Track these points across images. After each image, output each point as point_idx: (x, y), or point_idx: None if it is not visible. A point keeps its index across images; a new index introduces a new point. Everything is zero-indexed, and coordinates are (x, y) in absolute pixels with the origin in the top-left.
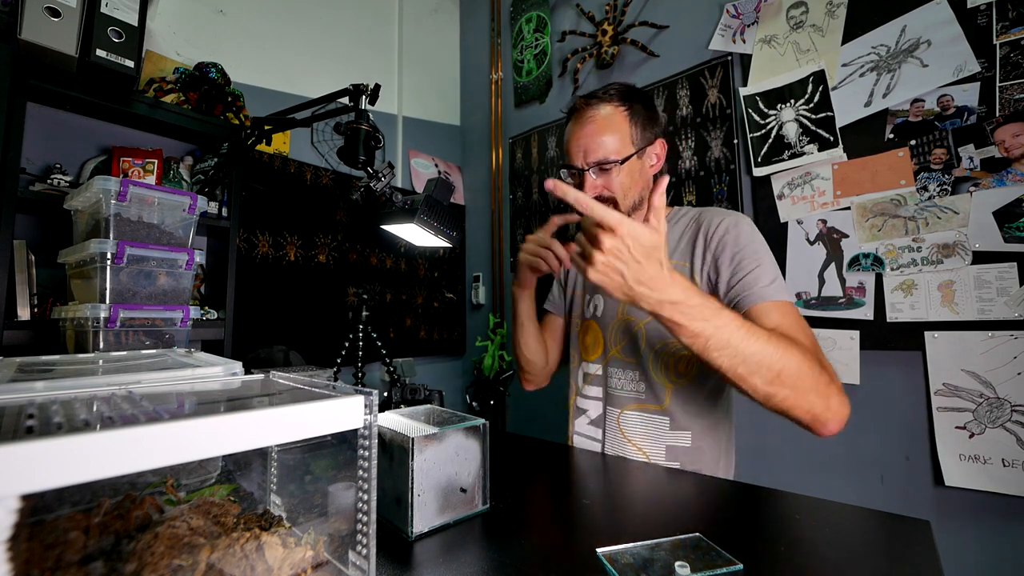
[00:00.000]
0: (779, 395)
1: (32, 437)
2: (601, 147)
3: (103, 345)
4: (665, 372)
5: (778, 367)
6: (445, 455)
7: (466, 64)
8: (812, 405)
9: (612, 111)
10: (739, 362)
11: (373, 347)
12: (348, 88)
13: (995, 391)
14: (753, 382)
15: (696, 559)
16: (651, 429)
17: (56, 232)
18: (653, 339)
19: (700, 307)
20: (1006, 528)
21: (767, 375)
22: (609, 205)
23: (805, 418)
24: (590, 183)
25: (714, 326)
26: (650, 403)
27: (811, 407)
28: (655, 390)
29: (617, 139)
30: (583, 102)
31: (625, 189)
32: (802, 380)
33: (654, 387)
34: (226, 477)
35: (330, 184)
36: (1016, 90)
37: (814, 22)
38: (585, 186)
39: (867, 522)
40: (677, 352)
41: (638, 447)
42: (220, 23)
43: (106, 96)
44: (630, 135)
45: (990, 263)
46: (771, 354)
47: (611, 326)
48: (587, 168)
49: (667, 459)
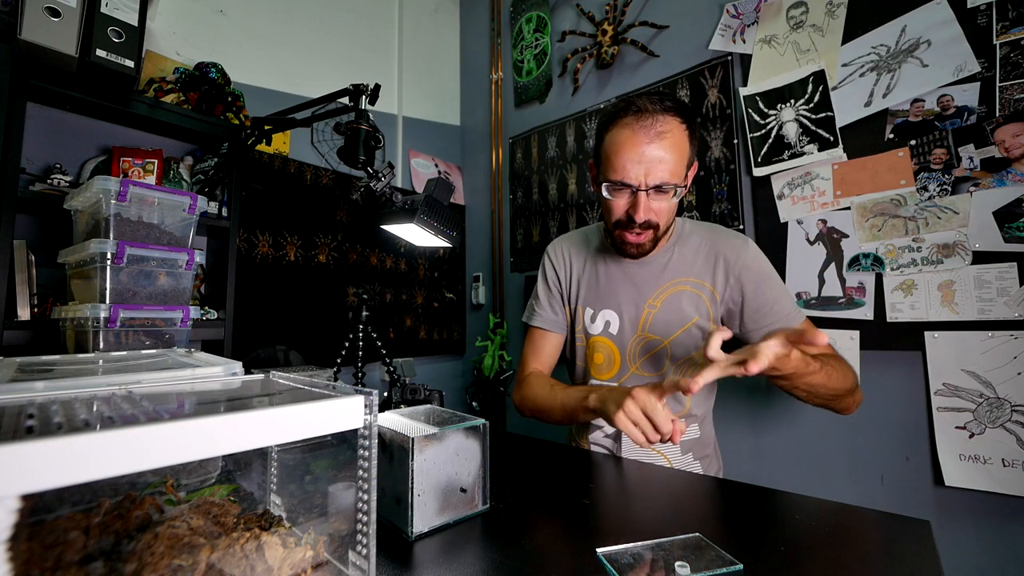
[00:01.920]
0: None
1: (32, 437)
2: (665, 168)
3: (103, 345)
4: None
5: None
6: (445, 455)
7: (466, 64)
8: (846, 403)
9: (676, 128)
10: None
11: (373, 347)
12: (348, 88)
13: (995, 391)
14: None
15: (696, 559)
16: None
17: (56, 232)
18: (678, 355)
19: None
20: (1006, 528)
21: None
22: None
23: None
24: (644, 205)
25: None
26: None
27: (845, 405)
28: (677, 400)
29: (678, 161)
30: (650, 106)
31: (667, 216)
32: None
33: (676, 397)
34: (226, 477)
35: (330, 184)
36: (1016, 90)
37: (814, 22)
38: (639, 208)
39: (867, 522)
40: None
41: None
42: (220, 23)
43: (106, 96)
44: (687, 158)
45: (990, 263)
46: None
47: (630, 344)
48: (646, 189)
49: (683, 453)
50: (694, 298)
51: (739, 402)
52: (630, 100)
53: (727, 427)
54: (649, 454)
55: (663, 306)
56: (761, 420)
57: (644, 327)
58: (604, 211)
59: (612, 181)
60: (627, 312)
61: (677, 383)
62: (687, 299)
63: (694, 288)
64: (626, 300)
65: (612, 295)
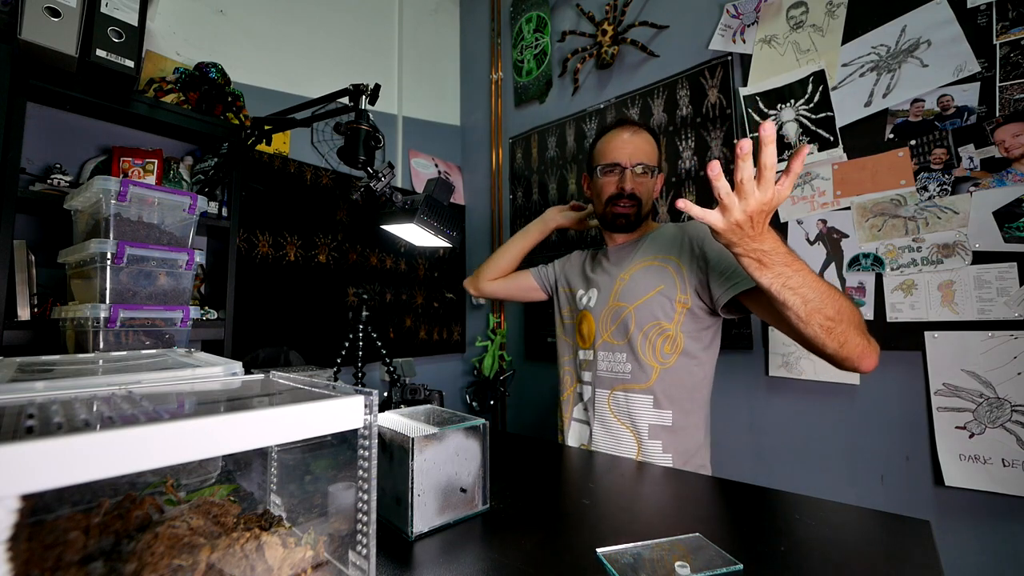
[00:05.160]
0: (838, 328)
1: (32, 437)
2: (644, 153)
3: (103, 345)
4: (653, 353)
5: (838, 305)
6: (445, 455)
7: (466, 64)
8: (861, 339)
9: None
10: (811, 297)
11: (373, 347)
12: (348, 88)
13: (995, 391)
14: (820, 316)
15: (696, 559)
16: (636, 407)
17: (56, 232)
18: (643, 321)
19: (784, 254)
20: (1006, 528)
21: (830, 311)
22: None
23: (855, 352)
24: (631, 179)
25: (794, 269)
26: (636, 383)
27: (860, 341)
28: (642, 369)
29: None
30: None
31: (647, 195)
32: (854, 317)
33: (642, 367)
34: (226, 477)
35: (330, 184)
36: (1016, 90)
37: (814, 22)
38: (627, 180)
39: (867, 522)
40: (664, 333)
41: (626, 426)
42: (220, 23)
43: (106, 96)
44: (657, 158)
45: (990, 263)
46: (832, 294)
47: (602, 313)
48: (631, 167)
49: (650, 437)
50: (660, 270)
51: (739, 402)
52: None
53: (727, 427)
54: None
55: (631, 278)
56: (761, 420)
57: (614, 297)
58: (597, 197)
59: (604, 164)
60: (604, 287)
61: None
62: (653, 271)
63: (661, 262)
64: (604, 278)
65: (596, 277)
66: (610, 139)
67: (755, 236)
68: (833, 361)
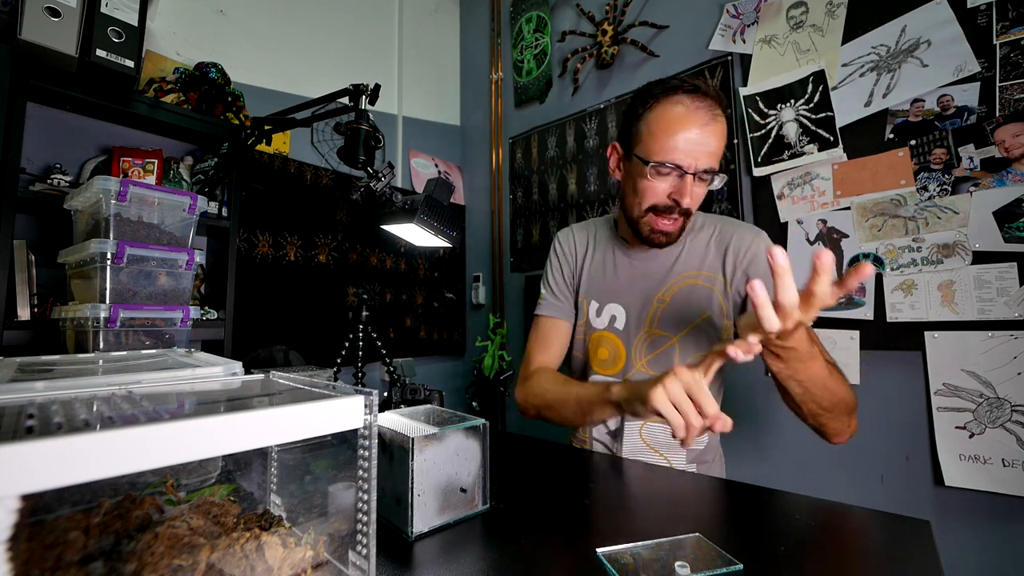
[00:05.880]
0: (824, 416)
1: (32, 437)
2: (714, 155)
3: (103, 345)
4: None
5: (835, 399)
6: (445, 455)
7: (466, 64)
8: (840, 424)
9: (723, 116)
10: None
11: (373, 347)
12: (348, 88)
13: (995, 391)
14: (812, 406)
15: (696, 559)
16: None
17: (56, 232)
18: (687, 352)
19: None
20: (1006, 528)
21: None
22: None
23: (831, 431)
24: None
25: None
26: None
27: (839, 426)
28: None
29: (721, 150)
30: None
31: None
32: (843, 407)
33: None
34: (226, 477)
35: (330, 184)
36: (1016, 90)
37: (814, 22)
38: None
39: (867, 522)
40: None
41: (662, 454)
42: (220, 23)
43: (106, 96)
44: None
45: (990, 263)
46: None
47: (637, 340)
48: (696, 173)
49: (688, 461)
50: (706, 292)
51: (739, 402)
52: (682, 79)
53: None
54: (649, 455)
55: (672, 300)
56: (761, 420)
57: (652, 322)
58: (634, 194)
59: (660, 162)
60: (634, 306)
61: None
62: (698, 293)
63: (705, 282)
64: (634, 294)
65: (619, 289)
66: (676, 122)
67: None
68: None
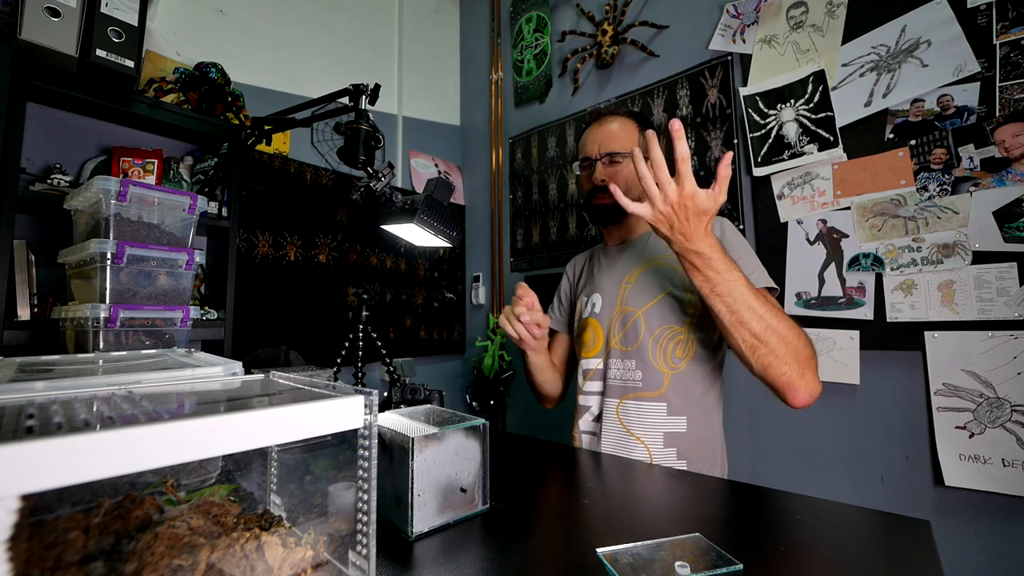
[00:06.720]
0: (761, 349)
1: (32, 437)
2: (614, 141)
3: (103, 345)
4: (664, 358)
5: (768, 321)
6: (445, 455)
7: (466, 64)
8: (790, 369)
9: (624, 118)
10: (736, 309)
11: (373, 347)
12: (348, 88)
13: (995, 391)
14: (744, 331)
15: (696, 559)
16: (649, 416)
17: (56, 232)
18: (654, 325)
19: (717, 261)
20: (1006, 528)
21: (756, 328)
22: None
23: (780, 380)
24: (600, 170)
25: (724, 278)
26: (647, 390)
27: (788, 371)
28: (653, 376)
29: (627, 138)
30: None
31: (627, 182)
32: (787, 342)
33: (652, 373)
34: (226, 477)
35: (330, 184)
36: (1016, 90)
37: (814, 22)
38: (596, 173)
39: (867, 522)
40: (676, 337)
41: (637, 437)
42: (220, 23)
43: (106, 96)
44: (637, 139)
45: (990, 263)
46: (766, 315)
47: (610, 319)
48: (600, 157)
49: (665, 446)
50: (668, 271)
51: (739, 402)
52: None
53: (727, 427)
54: (629, 446)
55: (638, 280)
56: (761, 420)
57: (621, 302)
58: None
59: (579, 161)
60: (608, 291)
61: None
62: (661, 272)
63: (669, 263)
64: (609, 281)
65: (599, 280)
66: (585, 134)
67: (688, 236)
68: (769, 386)
